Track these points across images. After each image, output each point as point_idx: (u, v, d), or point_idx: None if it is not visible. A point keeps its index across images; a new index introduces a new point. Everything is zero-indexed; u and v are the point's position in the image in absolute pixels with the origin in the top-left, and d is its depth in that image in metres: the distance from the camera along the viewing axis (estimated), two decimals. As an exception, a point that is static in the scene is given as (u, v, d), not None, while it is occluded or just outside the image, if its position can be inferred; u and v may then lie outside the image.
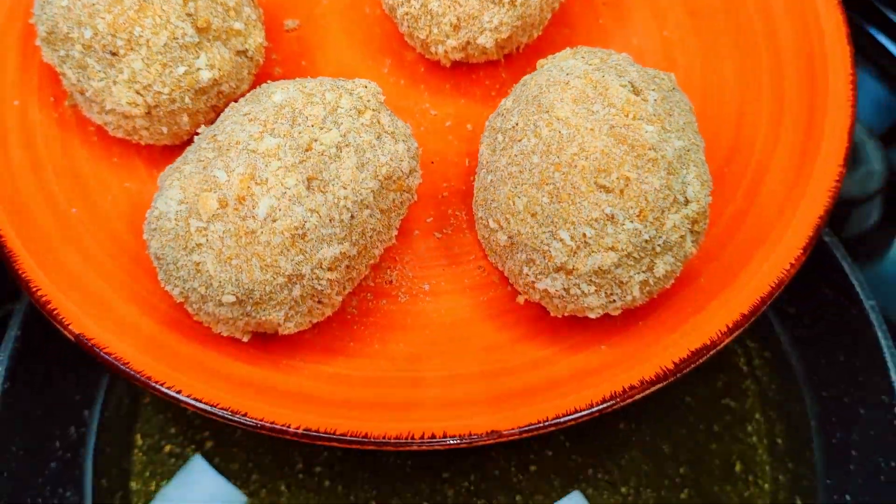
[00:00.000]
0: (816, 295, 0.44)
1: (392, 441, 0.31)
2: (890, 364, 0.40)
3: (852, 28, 0.42)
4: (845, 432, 0.42)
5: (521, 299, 0.35)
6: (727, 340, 0.33)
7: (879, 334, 0.41)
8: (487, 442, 0.31)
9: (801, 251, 0.35)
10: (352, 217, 0.31)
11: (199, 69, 0.35)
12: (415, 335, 0.35)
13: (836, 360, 0.43)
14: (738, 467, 0.43)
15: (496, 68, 0.42)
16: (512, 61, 0.42)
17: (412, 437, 0.31)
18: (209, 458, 0.42)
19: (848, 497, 0.40)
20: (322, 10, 0.43)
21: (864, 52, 0.55)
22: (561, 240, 0.30)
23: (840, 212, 0.49)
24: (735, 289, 0.34)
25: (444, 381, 0.33)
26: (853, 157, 0.50)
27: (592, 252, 0.30)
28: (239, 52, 0.37)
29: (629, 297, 0.32)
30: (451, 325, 0.35)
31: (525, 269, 0.32)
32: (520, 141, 0.32)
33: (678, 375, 0.33)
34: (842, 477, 0.41)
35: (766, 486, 0.42)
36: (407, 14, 0.38)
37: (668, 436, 0.43)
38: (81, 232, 0.36)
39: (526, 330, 0.35)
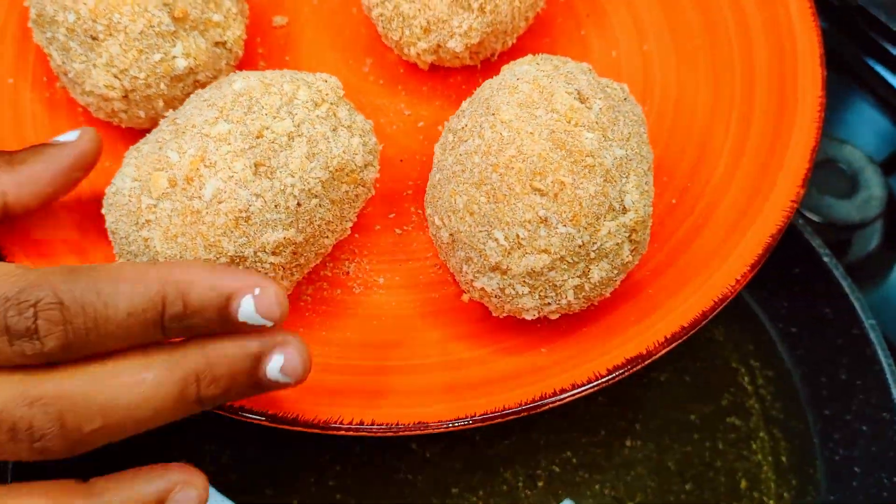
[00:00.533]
0: (817, 315, 0.45)
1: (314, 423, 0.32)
2: (890, 381, 0.41)
3: (852, 59, 0.42)
4: (848, 449, 0.43)
5: (465, 297, 0.36)
6: (663, 351, 0.34)
7: (880, 353, 0.42)
8: (414, 432, 0.32)
9: (749, 268, 0.35)
10: (298, 204, 0.32)
11: (174, 57, 0.36)
12: (365, 325, 0.36)
13: (837, 379, 0.44)
14: (743, 484, 0.43)
15: (473, 73, 0.43)
16: (489, 68, 0.43)
17: (340, 422, 0.32)
18: (222, 472, 0.43)
19: (852, 513, 0.41)
20: (311, 9, 0.45)
21: (865, 84, 0.56)
22: (496, 239, 0.31)
23: (841, 236, 0.50)
24: (678, 301, 0.35)
25: (372, 370, 0.34)
26: (853, 184, 0.50)
27: (526, 253, 0.31)
28: (217, 44, 0.38)
29: (564, 301, 0.32)
30: (400, 317, 0.36)
31: (465, 267, 0.33)
32: (466, 141, 0.33)
33: (610, 382, 0.33)
34: (845, 493, 0.42)
35: (771, 502, 0.43)
36: (381, 16, 0.39)
37: (673, 453, 0.44)
38: (57, 208, 0.38)
39: (469, 328, 0.36)
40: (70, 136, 0.34)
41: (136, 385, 0.26)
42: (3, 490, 0.27)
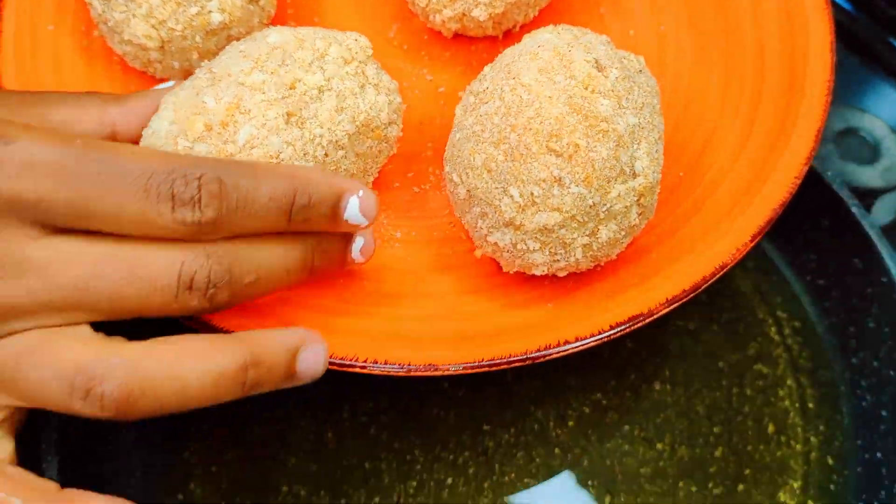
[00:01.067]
0: (846, 266, 0.47)
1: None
2: (917, 330, 0.44)
3: (874, 39, 0.44)
4: (875, 395, 0.45)
5: (478, 253, 0.38)
6: (664, 311, 0.35)
7: (908, 303, 0.44)
8: (424, 374, 0.34)
9: (750, 239, 0.37)
10: (325, 155, 0.34)
11: (210, 11, 0.38)
12: (381, 275, 0.38)
13: (865, 328, 0.46)
14: (770, 429, 0.45)
15: (494, 43, 0.45)
16: (510, 38, 0.44)
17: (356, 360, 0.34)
18: (256, 405, 0.44)
19: (879, 455, 0.44)
20: (344, -28, 0.46)
21: (888, 64, 0.57)
22: (511, 196, 0.33)
23: (865, 202, 0.52)
24: (680, 266, 0.37)
25: (386, 317, 0.36)
26: (874, 152, 0.53)
27: (539, 210, 0.33)
28: (251, 1, 0.40)
29: (572, 259, 0.34)
30: (414, 270, 0.38)
31: (479, 223, 0.35)
32: (486, 103, 0.34)
33: (612, 337, 0.35)
34: (872, 437, 0.44)
35: (798, 446, 0.45)
36: (409, -18, 0.41)
37: (702, 398, 0.46)
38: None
39: (480, 283, 0.38)
40: (169, 84, 0.37)
41: (273, 251, 0.31)
42: None
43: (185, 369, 0.29)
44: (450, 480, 0.44)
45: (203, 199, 0.29)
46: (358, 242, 0.35)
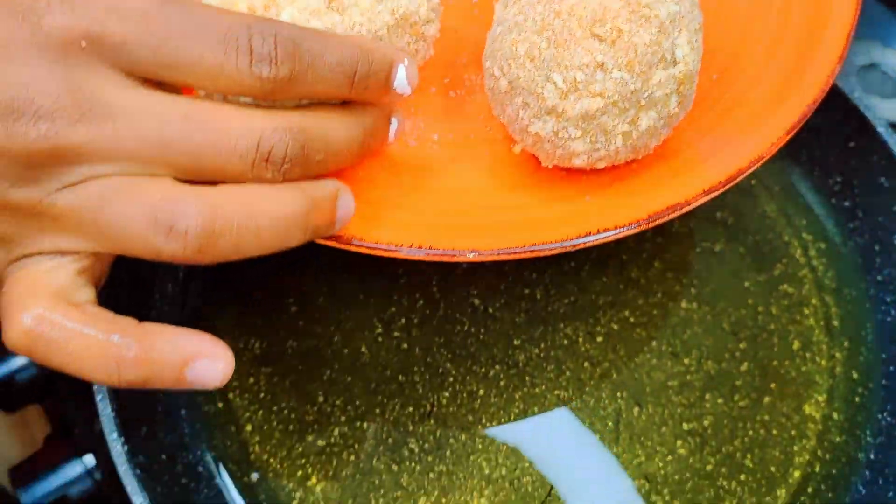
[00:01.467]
0: (872, 186, 0.49)
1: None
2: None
3: None
4: None
5: (517, 148, 0.38)
6: (702, 200, 0.36)
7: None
8: (469, 259, 0.35)
9: (785, 133, 0.37)
10: (365, 43, 0.34)
11: None
12: (418, 173, 0.39)
13: (891, 245, 0.48)
14: (795, 345, 0.47)
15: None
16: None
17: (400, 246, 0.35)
18: (292, 321, 0.47)
19: (902, 368, 0.45)
20: None
21: None
22: (554, 83, 0.33)
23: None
24: (718, 160, 0.37)
25: (424, 211, 0.37)
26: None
27: (581, 96, 0.33)
28: None
29: (612, 147, 0.34)
30: (452, 168, 0.39)
31: (521, 113, 0.35)
32: (528, -6, 0.35)
33: (649, 225, 0.36)
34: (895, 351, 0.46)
35: (823, 362, 0.47)
36: None
37: (727, 316, 0.48)
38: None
39: (519, 179, 0.38)
40: None
41: (337, 128, 0.32)
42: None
43: (261, 210, 0.30)
44: (482, 392, 0.45)
45: (279, 55, 0.29)
46: (393, 124, 0.36)
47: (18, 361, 0.49)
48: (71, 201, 0.28)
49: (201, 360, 0.29)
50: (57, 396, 0.49)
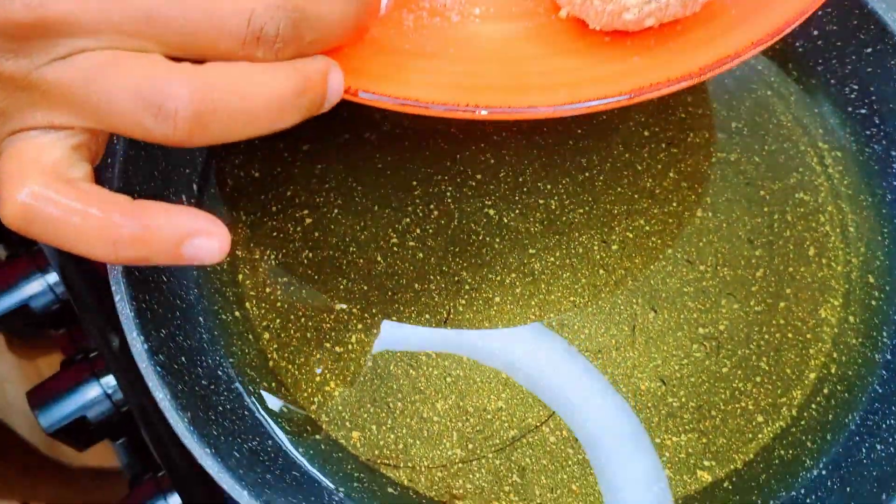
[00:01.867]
0: (889, 92, 0.48)
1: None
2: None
3: None
4: None
5: (563, 13, 0.38)
6: (751, 52, 0.36)
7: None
8: (521, 117, 0.34)
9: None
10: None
11: None
12: (462, 48, 0.38)
13: None
14: (811, 251, 0.47)
15: None
16: None
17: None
18: (308, 233, 0.47)
19: (918, 275, 0.45)
20: None
21: None
22: (605, -65, 0.33)
23: None
24: (762, 16, 0.37)
25: (469, 88, 0.36)
26: None
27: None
28: None
29: (663, 1, 0.34)
30: (497, 41, 0.38)
31: (571, -30, 0.35)
32: None
33: (702, 77, 0.35)
34: None
35: (839, 267, 0.47)
36: None
37: (743, 224, 0.48)
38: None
39: (566, 46, 0.38)
40: None
41: (331, 7, 0.31)
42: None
43: (253, 87, 0.29)
44: (497, 299, 0.45)
45: None
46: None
47: (32, 289, 0.49)
48: (59, 75, 0.28)
49: (198, 237, 0.29)
50: (73, 323, 0.50)
